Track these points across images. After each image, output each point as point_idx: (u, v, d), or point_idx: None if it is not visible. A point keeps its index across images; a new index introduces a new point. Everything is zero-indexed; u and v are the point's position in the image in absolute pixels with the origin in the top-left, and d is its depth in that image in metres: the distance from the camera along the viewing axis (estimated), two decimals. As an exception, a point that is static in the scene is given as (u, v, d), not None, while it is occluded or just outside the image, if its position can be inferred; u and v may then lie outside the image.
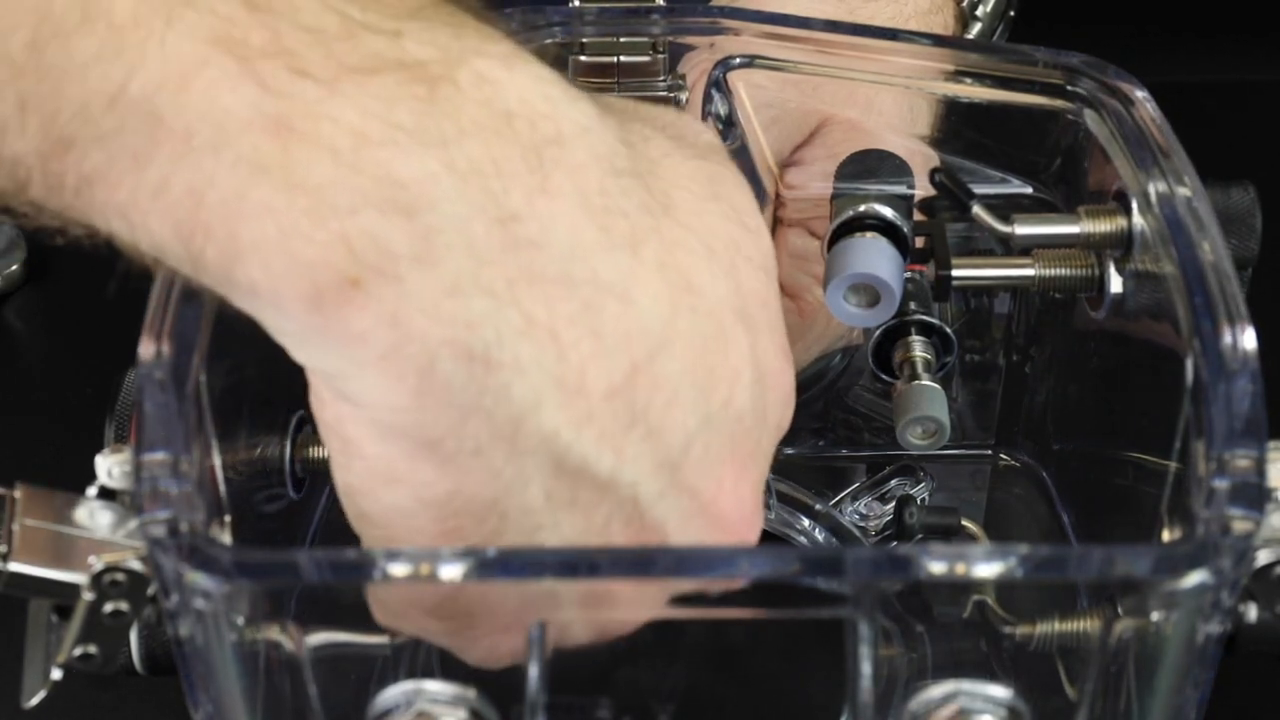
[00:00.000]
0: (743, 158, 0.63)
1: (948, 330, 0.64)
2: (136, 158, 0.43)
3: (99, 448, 0.49)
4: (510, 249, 0.45)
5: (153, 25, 0.43)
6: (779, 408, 0.51)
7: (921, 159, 0.63)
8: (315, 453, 0.58)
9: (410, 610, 0.50)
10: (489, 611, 0.49)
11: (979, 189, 0.61)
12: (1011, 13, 0.74)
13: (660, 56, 0.61)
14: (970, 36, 0.73)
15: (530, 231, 0.45)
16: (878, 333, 0.64)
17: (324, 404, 0.47)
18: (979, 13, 0.73)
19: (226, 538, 0.49)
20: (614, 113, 0.48)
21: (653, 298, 0.47)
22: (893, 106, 0.65)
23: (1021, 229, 0.60)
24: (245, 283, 0.44)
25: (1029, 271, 0.60)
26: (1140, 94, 0.58)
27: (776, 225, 0.66)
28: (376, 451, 0.47)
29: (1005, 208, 0.61)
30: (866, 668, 0.47)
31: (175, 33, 0.43)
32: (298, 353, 0.46)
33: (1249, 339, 0.50)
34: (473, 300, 0.44)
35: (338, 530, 0.64)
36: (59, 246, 0.46)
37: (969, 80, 0.61)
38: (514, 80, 0.46)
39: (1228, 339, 0.50)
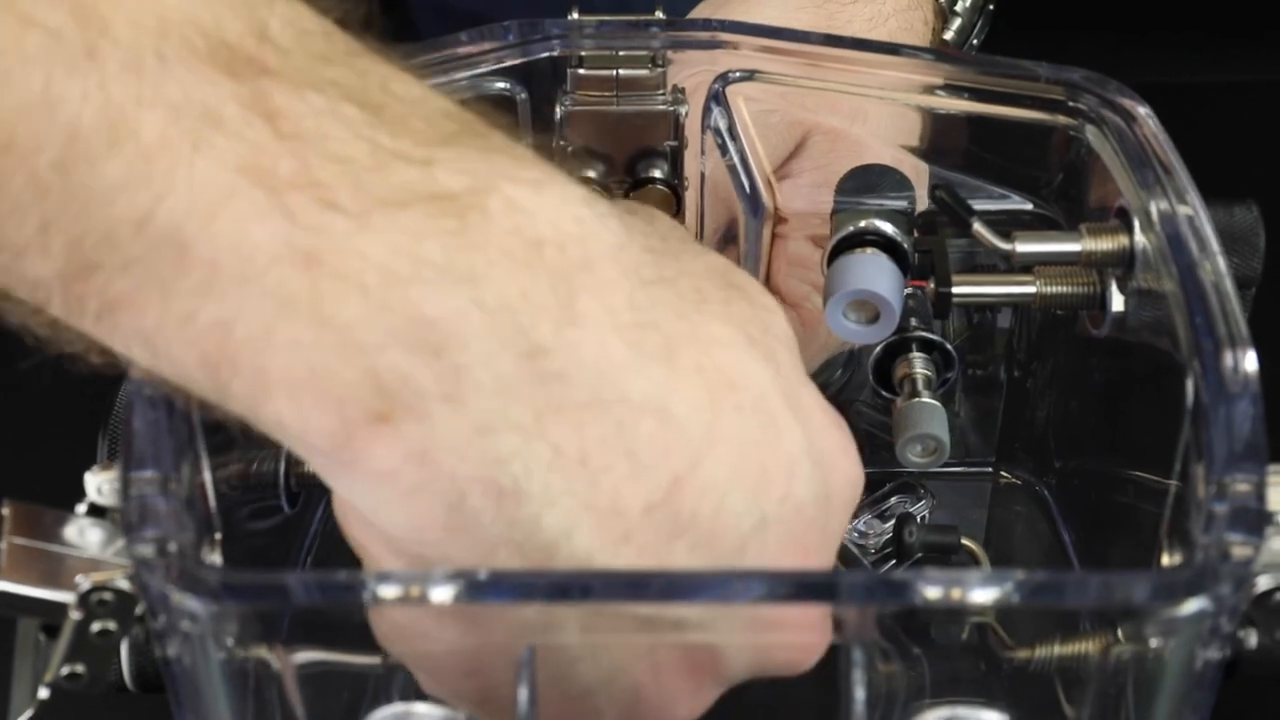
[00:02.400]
0: (744, 172, 0.63)
1: (949, 347, 0.63)
2: (163, 286, 0.43)
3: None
4: (538, 383, 0.44)
5: (181, 150, 0.42)
6: (846, 488, 0.50)
7: (911, 169, 0.62)
8: (310, 468, 0.58)
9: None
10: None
11: (980, 205, 0.61)
12: (990, 6, 0.74)
13: (659, 70, 0.61)
14: (951, 31, 0.73)
15: (558, 364, 0.44)
16: (878, 349, 0.63)
17: (349, 524, 0.47)
18: (958, 7, 0.73)
19: (216, 556, 0.49)
20: (630, 215, 0.48)
21: (691, 405, 0.46)
22: (878, 116, 0.64)
23: (1022, 246, 0.59)
24: (272, 418, 0.44)
25: (1030, 289, 0.60)
26: (1142, 110, 0.58)
27: (774, 238, 0.65)
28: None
29: (1006, 224, 0.60)
30: (860, 693, 0.46)
31: (204, 159, 0.42)
32: (326, 480, 0.46)
33: (1250, 361, 0.49)
34: (501, 437, 0.44)
35: (334, 543, 0.64)
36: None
37: (971, 96, 0.60)
38: (544, 204, 0.45)
39: (1228, 361, 0.49)
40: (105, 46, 0.41)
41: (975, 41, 0.74)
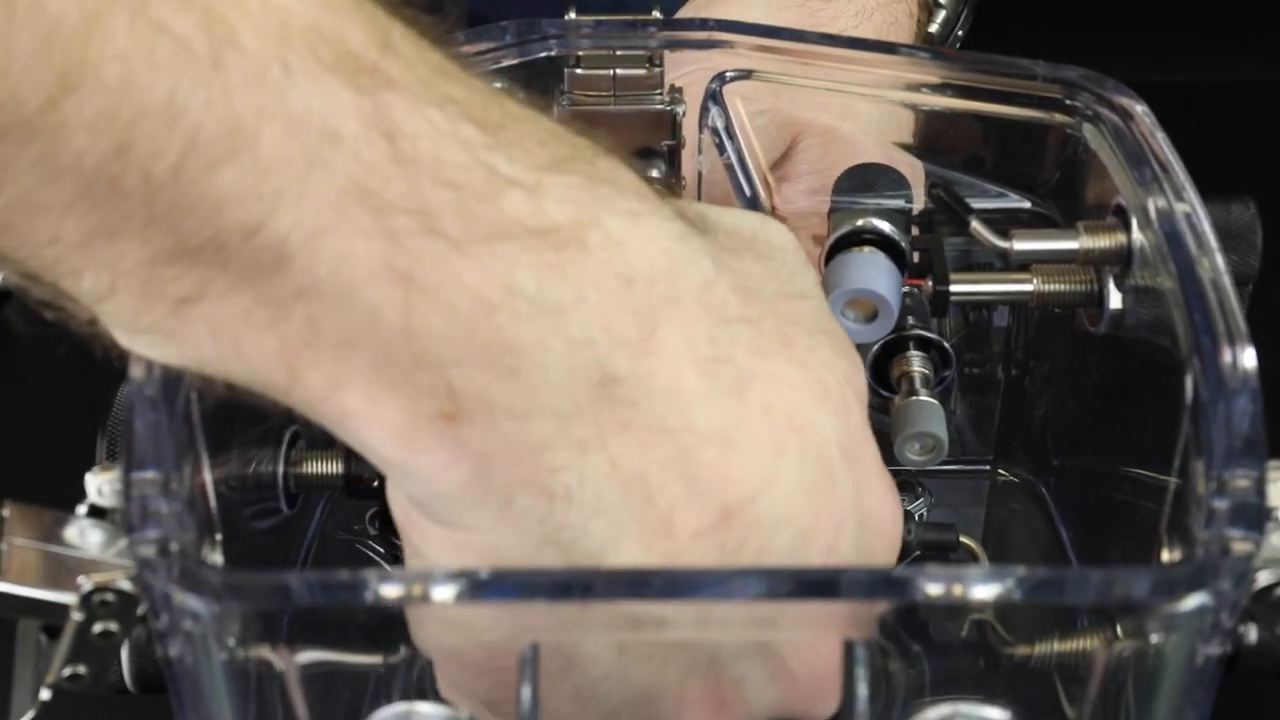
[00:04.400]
0: (741, 171, 0.63)
1: (946, 345, 0.63)
2: (257, 284, 0.43)
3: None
4: (606, 406, 0.45)
5: (296, 167, 0.42)
6: (884, 554, 0.50)
7: (906, 168, 0.62)
8: (309, 469, 0.58)
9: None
10: None
11: (977, 203, 0.61)
12: None
13: (656, 70, 0.61)
14: (935, 24, 0.73)
15: (629, 392, 0.45)
16: (876, 347, 0.63)
17: (397, 505, 0.48)
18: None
19: (217, 556, 0.49)
20: (728, 253, 0.48)
21: (756, 442, 0.46)
22: (869, 114, 0.64)
23: (1020, 244, 0.59)
24: (339, 410, 0.45)
25: (1028, 287, 0.60)
26: (1139, 108, 0.58)
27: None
28: (440, 559, 0.47)
29: (1004, 222, 0.60)
30: (862, 690, 0.46)
31: (317, 177, 0.42)
32: (381, 468, 0.46)
33: (1249, 357, 0.49)
34: (559, 452, 0.45)
35: (333, 544, 0.64)
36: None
37: (968, 94, 0.61)
38: (639, 237, 0.45)
39: (1227, 357, 0.49)
40: (231, 56, 0.41)
41: (960, 33, 0.74)
